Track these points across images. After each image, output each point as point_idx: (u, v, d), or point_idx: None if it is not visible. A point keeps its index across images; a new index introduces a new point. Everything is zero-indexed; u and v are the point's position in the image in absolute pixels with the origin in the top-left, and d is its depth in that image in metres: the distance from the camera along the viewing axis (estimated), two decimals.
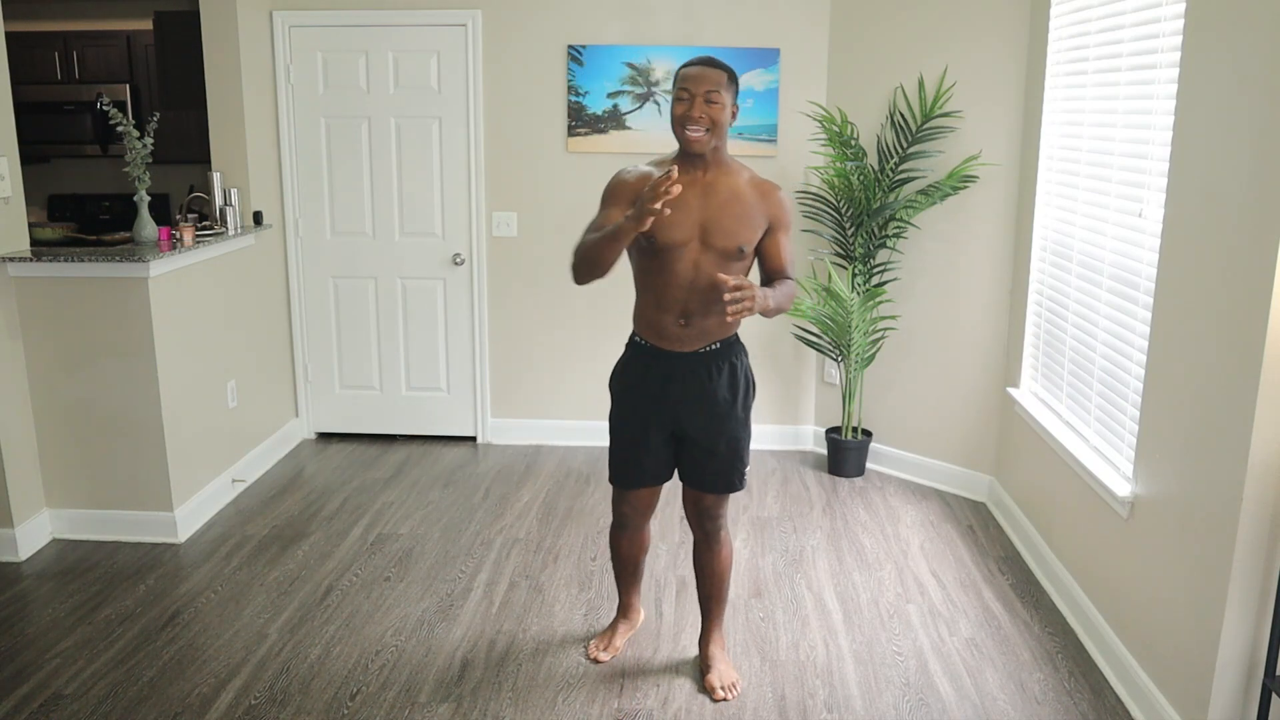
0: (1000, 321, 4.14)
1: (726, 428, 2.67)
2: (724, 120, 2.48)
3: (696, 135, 2.46)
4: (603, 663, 2.98)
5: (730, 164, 2.59)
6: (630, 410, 2.74)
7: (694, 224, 2.52)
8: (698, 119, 2.44)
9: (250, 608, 3.31)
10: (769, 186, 2.59)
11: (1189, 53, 2.59)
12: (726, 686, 2.82)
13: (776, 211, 2.58)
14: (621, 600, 3.10)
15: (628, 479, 2.80)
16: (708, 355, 2.63)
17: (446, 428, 5.03)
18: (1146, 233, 2.84)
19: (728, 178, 2.56)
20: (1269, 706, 2.35)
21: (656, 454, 2.74)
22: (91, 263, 3.58)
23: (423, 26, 4.62)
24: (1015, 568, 3.65)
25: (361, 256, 4.86)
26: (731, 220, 2.52)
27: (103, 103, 3.93)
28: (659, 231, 2.49)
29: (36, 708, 2.74)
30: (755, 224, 2.56)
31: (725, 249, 2.52)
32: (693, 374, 2.64)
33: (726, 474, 2.72)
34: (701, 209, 2.52)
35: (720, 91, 2.46)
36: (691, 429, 2.68)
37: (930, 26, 4.17)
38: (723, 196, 2.53)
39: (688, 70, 2.50)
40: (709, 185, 2.54)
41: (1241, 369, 2.30)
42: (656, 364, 2.66)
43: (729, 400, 2.66)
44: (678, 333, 2.60)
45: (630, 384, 2.73)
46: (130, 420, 3.72)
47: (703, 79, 2.46)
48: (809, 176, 4.60)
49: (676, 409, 2.67)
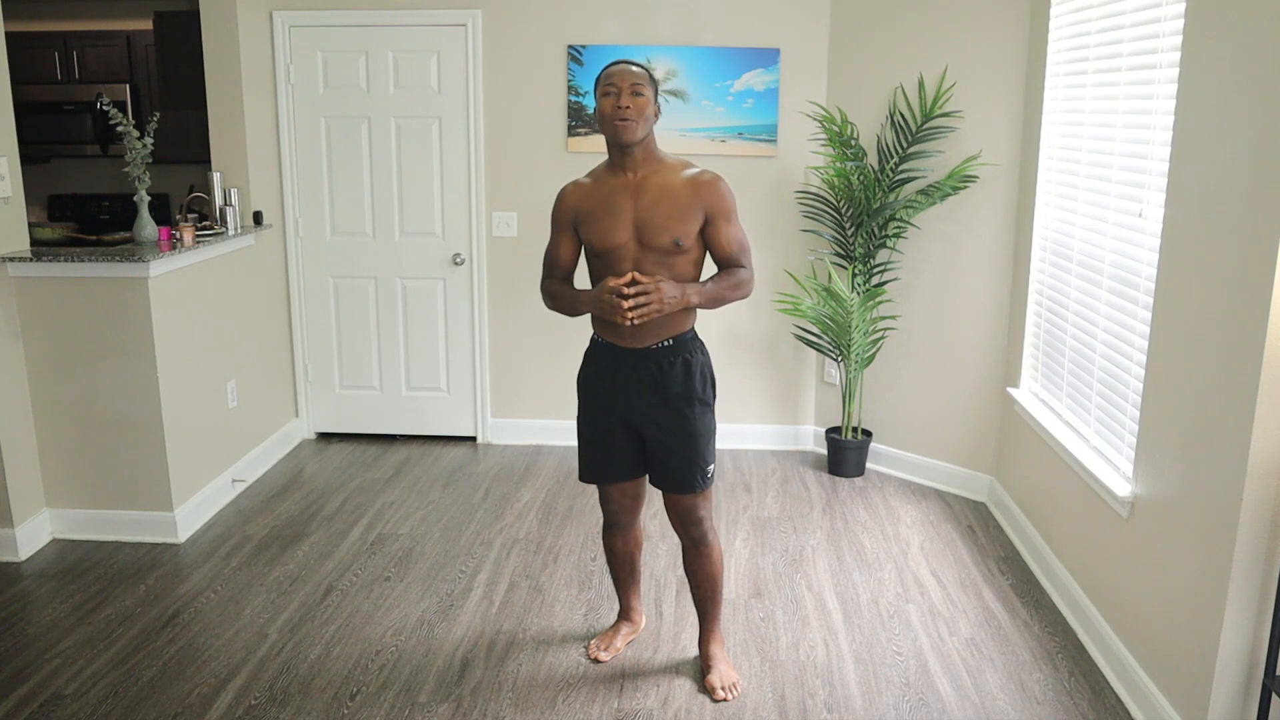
0: (1000, 321, 4.14)
1: (684, 424, 2.69)
2: (649, 113, 2.55)
3: (626, 123, 2.51)
4: (603, 662, 2.98)
5: (662, 160, 2.64)
6: (593, 407, 2.80)
7: (628, 225, 2.58)
8: (625, 109, 2.51)
9: (250, 608, 3.31)
10: (705, 177, 2.61)
11: (1189, 53, 2.59)
12: (727, 686, 2.83)
13: (712, 200, 2.59)
14: (622, 604, 3.11)
15: (595, 475, 2.85)
16: (660, 351, 2.66)
17: (446, 428, 5.03)
18: (1146, 233, 2.84)
19: (658, 175, 2.61)
20: (1269, 706, 2.35)
21: (622, 450, 2.78)
22: (91, 263, 3.58)
23: (423, 26, 4.62)
24: (1015, 568, 3.65)
25: (361, 256, 4.87)
26: (662, 216, 2.56)
27: (103, 103, 3.93)
28: (596, 238, 2.60)
29: (36, 708, 2.74)
30: (689, 217, 2.58)
31: (661, 245, 2.57)
32: (645, 369, 2.67)
33: (688, 472, 2.72)
34: (633, 209, 2.58)
35: (644, 86, 2.54)
36: (648, 425, 2.71)
37: (930, 26, 4.17)
38: (653, 194, 2.58)
39: (610, 69, 2.58)
40: (639, 184, 2.60)
41: (1241, 369, 2.30)
42: (613, 360, 2.71)
43: (683, 395, 2.68)
44: (629, 329, 2.64)
45: (591, 382, 2.79)
46: (130, 420, 3.72)
47: (626, 74, 2.54)
48: (809, 176, 4.60)
49: (632, 405, 2.71)
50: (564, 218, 2.70)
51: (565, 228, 2.70)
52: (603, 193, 2.62)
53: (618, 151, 2.60)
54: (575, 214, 2.66)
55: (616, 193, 2.60)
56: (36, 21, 5.73)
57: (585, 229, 2.63)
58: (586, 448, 2.85)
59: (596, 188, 2.64)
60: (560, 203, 2.71)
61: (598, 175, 2.67)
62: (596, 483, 2.88)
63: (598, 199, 2.62)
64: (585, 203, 2.64)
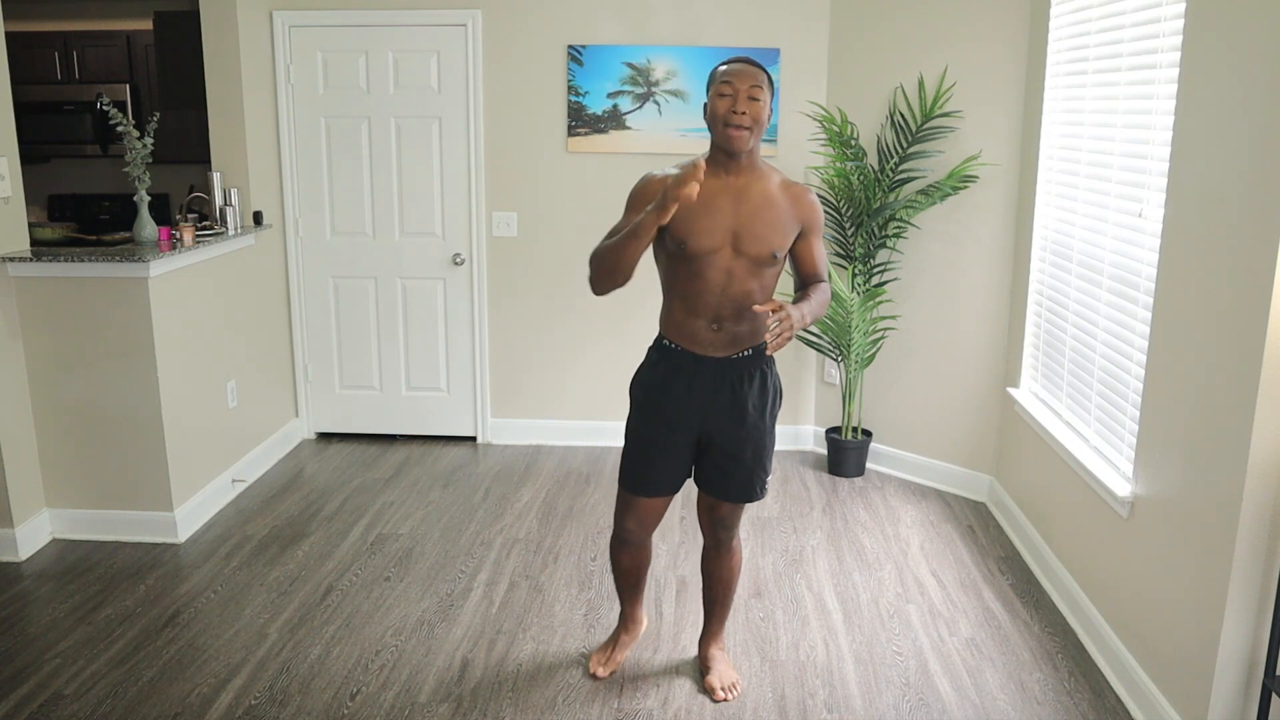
0: (1000, 321, 4.14)
1: (754, 436, 2.61)
2: (764, 119, 2.42)
3: (739, 133, 2.38)
4: (602, 678, 2.90)
5: (762, 167, 2.52)
6: (655, 413, 2.63)
7: (726, 230, 2.45)
8: (742, 115, 2.37)
9: (250, 608, 3.31)
10: (800, 189, 2.53)
11: (1189, 53, 2.59)
12: (726, 687, 2.82)
13: (809, 215, 2.52)
14: (624, 610, 3.00)
15: (643, 485, 2.68)
16: (740, 362, 2.57)
17: (446, 428, 5.03)
18: (1146, 233, 2.84)
19: (760, 182, 2.49)
20: (1269, 706, 2.35)
21: (677, 459, 2.65)
22: (91, 263, 3.58)
23: (423, 26, 4.62)
24: (1015, 568, 3.65)
25: (361, 256, 4.87)
26: (764, 226, 2.45)
27: (103, 103, 3.93)
28: (690, 238, 2.43)
29: (36, 708, 2.74)
30: (788, 229, 2.50)
31: (759, 255, 2.46)
32: (724, 380, 2.57)
33: (749, 483, 2.66)
34: (734, 215, 2.45)
35: (762, 89, 2.40)
36: (719, 436, 2.61)
37: (930, 26, 4.17)
38: (755, 202, 2.46)
39: (729, 67, 2.42)
40: (741, 189, 2.47)
41: (1241, 369, 2.30)
42: (687, 367, 2.58)
43: (759, 408, 2.60)
44: (711, 337, 2.54)
45: (657, 386, 2.62)
46: (130, 420, 3.72)
47: (745, 75, 2.39)
48: (809, 176, 4.60)
49: (705, 414, 2.59)
50: (647, 201, 2.46)
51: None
52: (702, 191, 2.43)
53: (724, 154, 2.46)
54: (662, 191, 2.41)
55: (717, 194, 2.45)
56: (36, 21, 5.73)
57: (677, 225, 2.43)
58: (639, 455, 2.67)
59: None
60: (648, 186, 2.49)
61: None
62: (643, 495, 2.70)
63: (698, 197, 2.43)
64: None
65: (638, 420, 2.68)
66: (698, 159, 2.33)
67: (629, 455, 2.69)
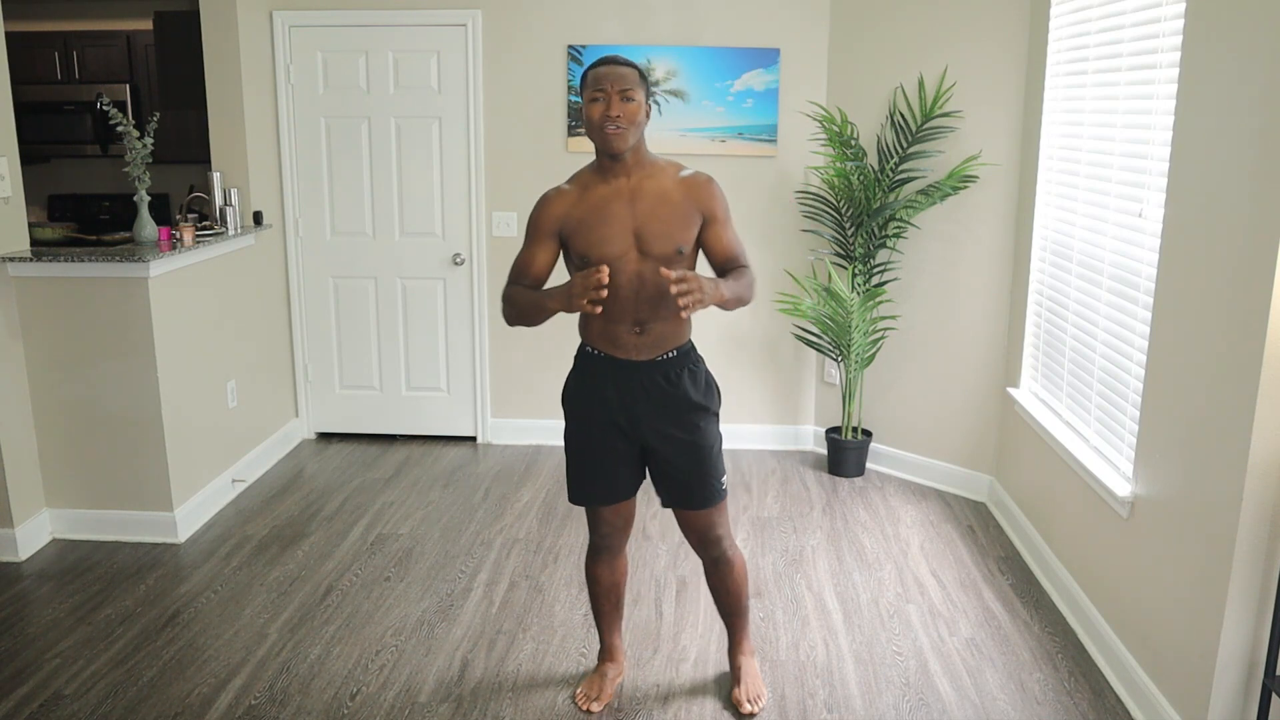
0: (1000, 321, 4.14)
1: (696, 436, 2.55)
2: (640, 118, 2.41)
3: (615, 131, 2.37)
4: (595, 713, 2.76)
5: (654, 163, 2.50)
6: (587, 423, 2.60)
7: (626, 233, 2.44)
8: (615, 117, 2.36)
9: (250, 608, 3.31)
10: (698, 179, 2.49)
11: (1189, 53, 2.59)
12: (753, 699, 2.75)
13: (708, 203, 2.48)
14: (604, 642, 2.87)
15: (590, 496, 2.65)
16: (666, 363, 2.53)
17: (446, 428, 5.03)
18: (1146, 233, 2.84)
19: (652, 179, 2.47)
20: (1269, 706, 2.35)
21: (621, 468, 2.60)
22: (91, 263, 3.58)
23: (423, 26, 4.62)
24: (1015, 568, 3.65)
25: (361, 256, 4.87)
26: (662, 223, 2.43)
27: (103, 103, 3.93)
28: (592, 249, 2.44)
29: (36, 708, 2.74)
30: (688, 221, 2.47)
31: (663, 253, 2.43)
32: (654, 382, 2.52)
33: (702, 487, 2.58)
34: (631, 216, 2.44)
35: (634, 89, 2.39)
36: (658, 441, 2.55)
37: (930, 26, 4.17)
38: (650, 199, 2.45)
39: (598, 70, 2.42)
40: (635, 190, 2.45)
41: (1241, 369, 2.30)
42: (612, 374, 2.54)
43: (696, 405, 2.55)
44: (634, 341, 2.50)
45: (586, 396, 2.60)
46: (130, 420, 3.72)
47: (615, 77, 2.39)
48: (809, 176, 4.60)
49: (641, 420, 2.54)
50: (547, 227, 2.50)
51: (547, 237, 2.51)
52: (594, 200, 2.46)
53: (608, 158, 2.45)
54: (562, 223, 2.48)
55: (610, 200, 2.45)
56: (36, 21, 5.73)
57: (577, 240, 2.46)
58: (579, 467, 2.64)
59: (585, 195, 2.48)
60: (543, 209, 2.51)
61: (584, 181, 2.51)
62: (592, 505, 2.67)
63: (589, 207, 2.46)
64: (575, 211, 2.47)
65: (572, 431, 2.65)
66: (601, 268, 2.29)
67: (569, 468, 2.68)
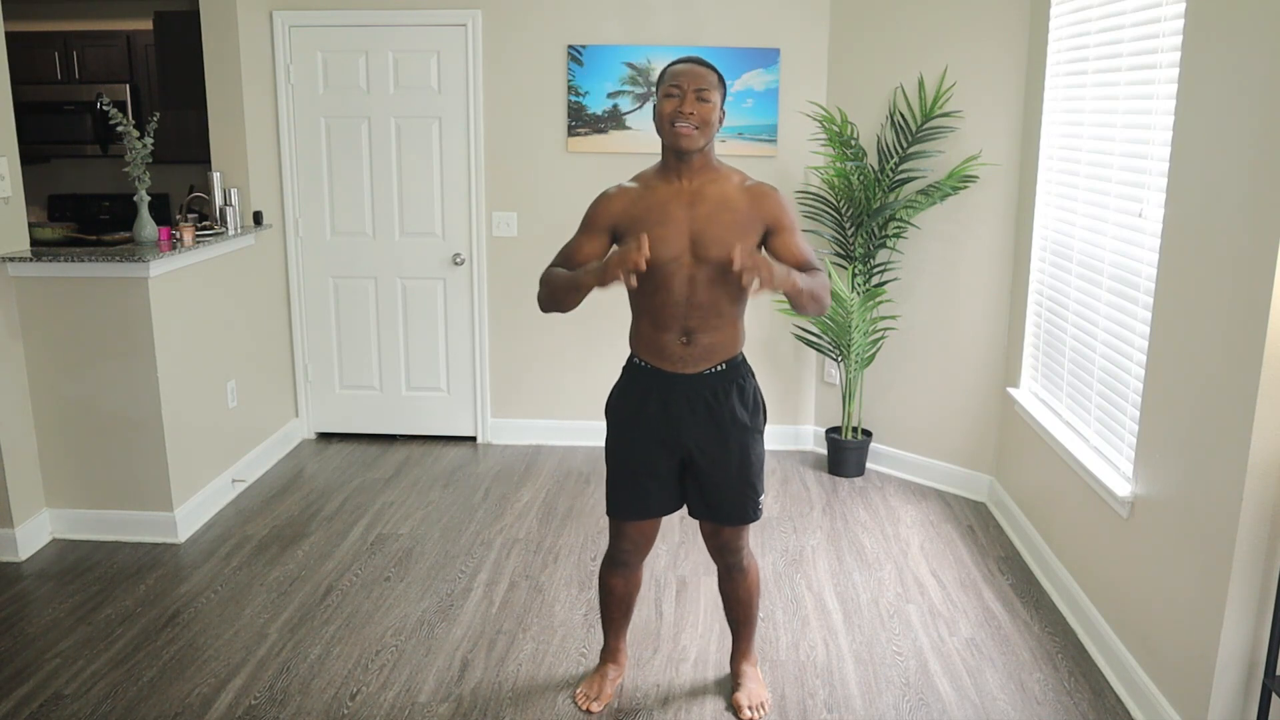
0: (1000, 321, 4.14)
1: (739, 455, 2.52)
2: (714, 120, 2.36)
3: (686, 130, 2.32)
4: (595, 713, 2.76)
5: (719, 169, 2.45)
6: (634, 437, 2.55)
7: (683, 237, 2.38)
8: (688, 115, 2.32)
9: (250, 608, 3.31)
10: (762, 188, 2.43)
11: (1189, 53, 2.59)
12: (755, 706, 2.74)
13: (774, 213, 2.41)
14: (608, 644, 2.85)
15: (631, 510, 2.60)
16: (713, 377, 2.49)
17: (446, 428, 5.03)
18: (1146, 233, 2.84)
19: (715, 185, 2.41)
20: (1269, 706, 2.35)
21: (664, 483, 2.57)
22: (91, 263, 3.58)
23: (423, 26, 4.62)
24: (1015, 568, 3.65)
25: (361, 256, 4.87)
26: (721, 229, 2.37)
27: (103, 103, 3.93)
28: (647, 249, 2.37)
29: (36, 708, 2.74)
30: (749, 230, 2.40)
31: (719, 260, 2.36)
32: (700, 397, 2.48)
33: (741, 504, 2.56)
34: (689, 220, 2.38)
35: (711, 90, 2.34)
36: (701, 457, 2.51)
37: (930, 26, 4.17)
38: (711, 205, 2.39)
39: (677, 67, 2.38)
40: (696, 193, 2.40)
41: (1241, 369, 2.30)
42: (660, 387, 2.50)
43: (741, 425, 2.51)
44: (680, 352, 2.46)
45: (632, 409, 2.55)
46: (130, 420, 3.72)
47: (693, 76, 2.34)
48: (809, 176, 4.60)
49: (684, 435, 2.50)
50: (602, 222, 2.45)
51: (600, 232, 2.46)
52: (654, 200, 2.41)
53: (674, 158, 2.40)
54: (618, 220, 2.43)
55: (669, 201, 2.39)
56: (36, 21, 5.73)
57: (632, 238, 2.36)
58: (622, 480, 2.59)
59: (646, 194, 2.42)
60: (601, 205, 2.46)
61: (647, 181, 2.45)
62: (631, 519, 2.62)
63: (648, 206, 2.40)
64: (634, 209, 2.42)
65: (616, 444, 2.61)
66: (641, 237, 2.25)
67: (612, 481, 2.62)
